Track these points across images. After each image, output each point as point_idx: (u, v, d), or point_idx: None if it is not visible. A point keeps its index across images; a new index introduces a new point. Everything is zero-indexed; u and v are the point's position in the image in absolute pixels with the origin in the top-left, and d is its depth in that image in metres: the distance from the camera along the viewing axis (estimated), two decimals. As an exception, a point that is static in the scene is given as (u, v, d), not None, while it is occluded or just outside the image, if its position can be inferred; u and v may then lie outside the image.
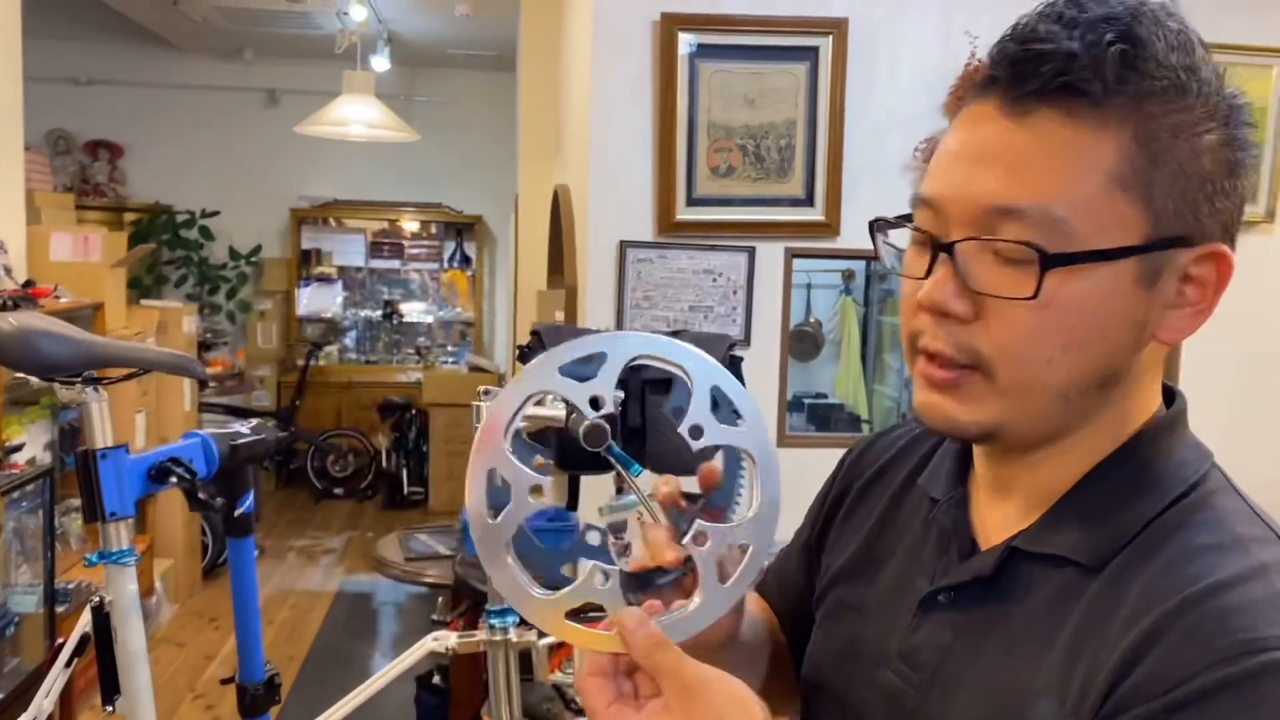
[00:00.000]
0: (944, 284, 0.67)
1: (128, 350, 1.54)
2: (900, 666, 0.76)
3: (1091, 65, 0.63)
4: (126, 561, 1.50)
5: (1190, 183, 0.66)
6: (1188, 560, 0.64)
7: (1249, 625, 0.59)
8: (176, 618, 4.62)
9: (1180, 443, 0.73)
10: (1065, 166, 0.64)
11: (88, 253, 4.10)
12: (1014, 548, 0.72)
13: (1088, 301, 0.65)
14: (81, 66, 7.16)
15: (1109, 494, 0.70)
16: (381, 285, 7.93)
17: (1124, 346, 0.68)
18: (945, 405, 0.70)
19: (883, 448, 0.93)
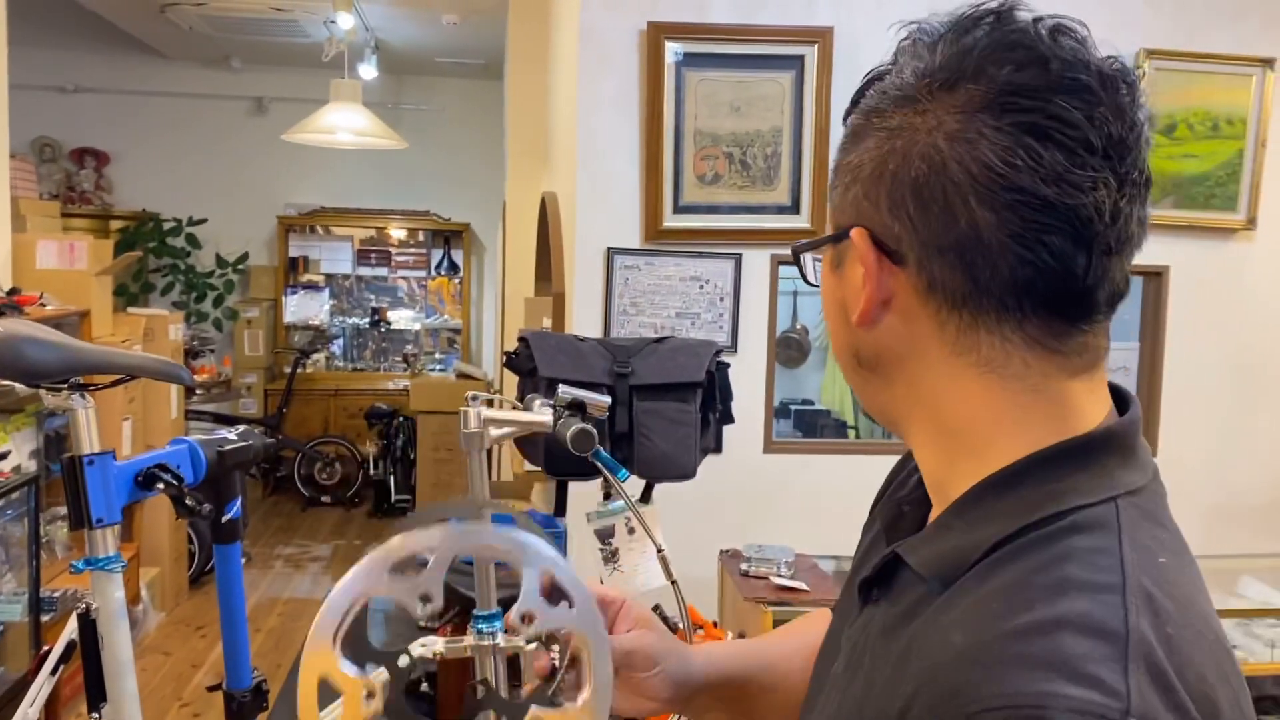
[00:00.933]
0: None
1: (114, 356, 1.54)
2: (845, 657, 0.74)
3: (856, 101, 0.74)
4: (113, 568, 1.50)
5: (855, 169, 0.70)
6: (973, 612, 0.59)
7: (975, 686, 0.54)
8: (163, 626, 4.60)
9: (1091, 466, 0.64)
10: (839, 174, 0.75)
11: (74, 260, 4.09)
12: (895, 552, 0.69)
13: (824, 287, 0.74)
14: (68, 74, 7.14)
15: (973, 509, 0.65)
16: (369, 292, 7.93)
17: (847, 326, 0.71)
18: None
19: (900, 463, 0.90)
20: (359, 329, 7.84)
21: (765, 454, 3.03)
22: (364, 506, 6.80)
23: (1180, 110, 3.01)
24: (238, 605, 1.71)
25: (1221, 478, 3.16)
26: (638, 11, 2.86)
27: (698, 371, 2.15)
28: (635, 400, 2.14)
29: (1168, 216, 3.03)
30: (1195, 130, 3.02)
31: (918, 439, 0.71)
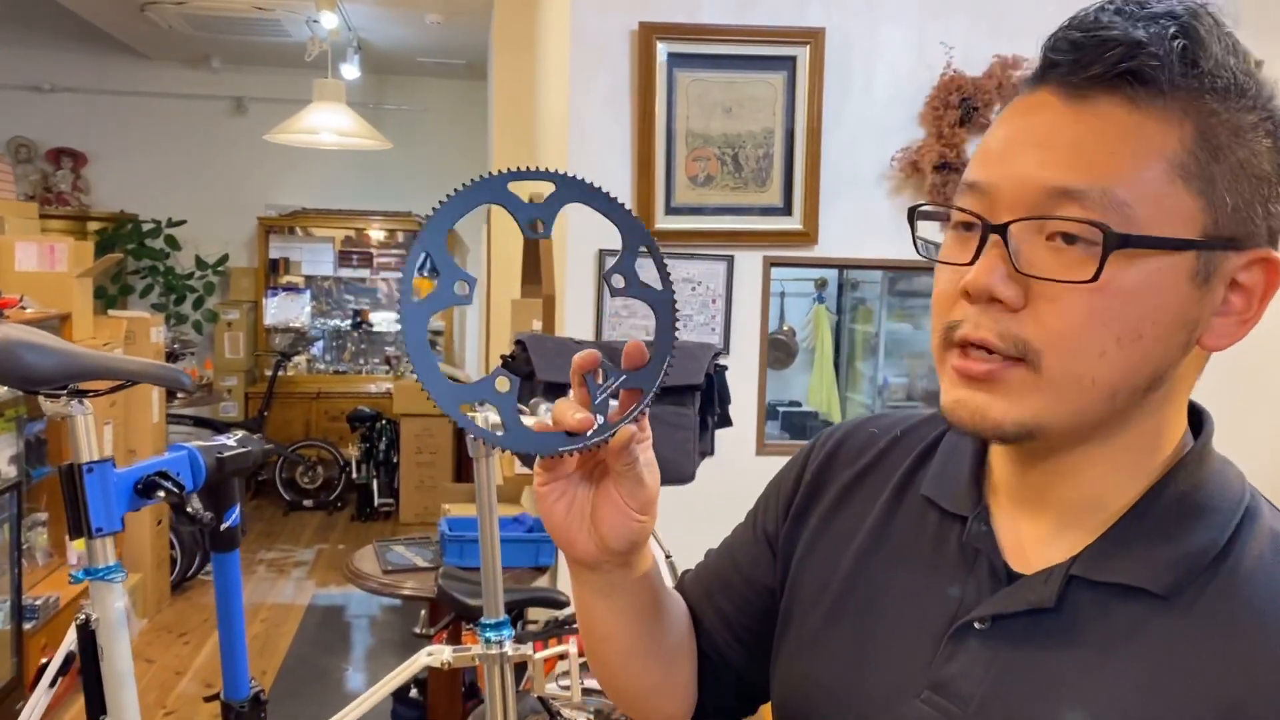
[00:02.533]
0: (993, 267, 0.64)
1: (114, 362, 1.52)
2: (932, 697, 0.71)
3: (1157, 53, 0.63)
4: (114, 578, 1.48)
5: (1248, 184, 0.64)
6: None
7: None
8: (145, 633, 4.55)
9: (1222, 462, 0.71)
10: (1129, 152, 0.63)
11: (54, 263, 4.04)
12: (1074, 576, 0.68)
13: (1145, 292, 0.63)
14: (44, 73, 7.06)
15: (1168, 517, 0.68)
16: (350, 294, 7.87)
17: (1174, 348, 0.66)
18: (982, 401, 0.66)
19: (859, 446, 0.87)
20: (340, 331, 7.79)
21: (758, 456, 3.03)
22: (347, 510, 6.75)
23: (1169, 112, 3.02)
24: (236, 614, 1.69)
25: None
26: (629, 12, 2.85)
27: (697, 374, 2.14)
28: (633, 403, 2.13)
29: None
30: (1184, 132, 3.04)
31: (1103, 454, 0.69)
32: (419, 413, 6.35)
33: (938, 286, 0.69)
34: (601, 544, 0.76)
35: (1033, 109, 0.66)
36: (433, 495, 6.02)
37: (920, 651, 0.73)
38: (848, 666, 0.77)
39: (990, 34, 2.94)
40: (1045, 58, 0.67)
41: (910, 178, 2.96)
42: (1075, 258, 0.63)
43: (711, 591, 0.92)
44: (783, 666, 0.84)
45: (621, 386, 0.72)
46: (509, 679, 1.57)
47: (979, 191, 0.67)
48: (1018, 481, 0.73)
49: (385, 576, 3.01)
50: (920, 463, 0.82)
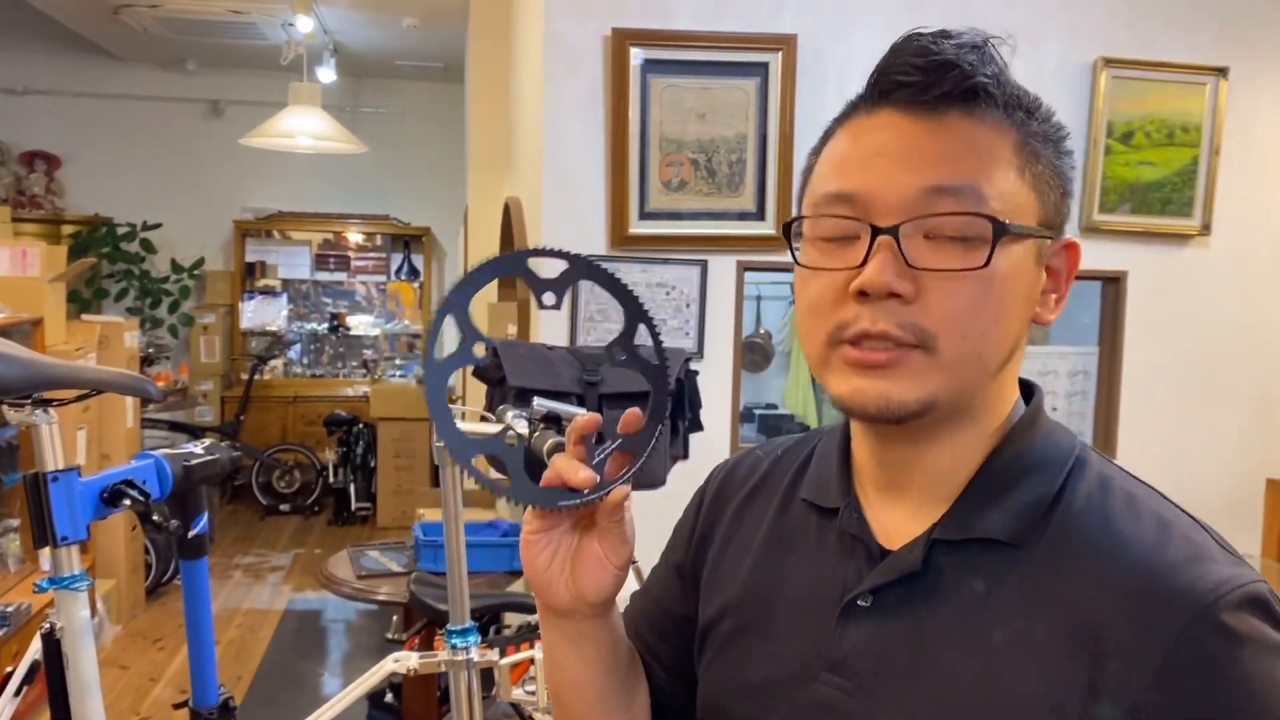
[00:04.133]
0: (886, 266, 0.70)
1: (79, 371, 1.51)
2: (830, 678, 0.77)
3: (987, 75, 0.72)
4: (78, 586, 1.47)
5: (1055, 184, 0.75)
6: (1122, 545, 0.70)
7: (1206, 578, 0.67)
8: (120, 639, 4.52)
9: (1054, 424, 0.79)
10: (981, 156, 0.71)
11: (26, 267, 4.01)
12: (935, 539, 0.75)
13: (1013, 275, 0.72)
14: (17, 76, 7.01)
15: (1007, 476, 0.75)
16: (327, 297, 7.84)
17: (1024, 324, 0.75)
18: (884, 386, 0.71)
19: (746, 470, 0.94)
20: (317, 334, 7.76)
21: (732, 460, 3.04)
22: (324, 515, 6.73)
23: (1137, 118, 3.06)
24: (204, 622, 1.69)
25: (1179, 480, 3.20)
26: (602, 18, 2.86)
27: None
28: (605, 409, 2.14)
29: (1125, 222, 3.08)
30: (1151, 137, 3.07)
31: (953, 429, 0.76)
32: (396, 416, 6.34)
33: (812, 294, 0.75)
34: (578, 595, 0.81)
35: (880, 127, 0.73)
36: (410, 499, 6.01)
37: (817, 637, 0.79)
38: (753, 664, 0.83)
39: (961, 40, 2.96)
40: (888, 82, 0.73)
41: (882, 183, 2.98)
42: (955, 250, 0.70)
43: (640, 631, 0.97)
44: (703, 680, 0.90)
45: (617, 449, 0.78)
46: (475, 685, 1.58)
47: (851, 202, 0.73)
48: (881, 471, 0.80)
49: (359, 582, 3.00)
50: (800, 473, 0.89)
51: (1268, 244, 3.22)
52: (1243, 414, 3.25)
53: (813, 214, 0.75)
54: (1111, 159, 3.05)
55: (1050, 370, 3.19)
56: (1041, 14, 3.02)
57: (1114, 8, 3.05)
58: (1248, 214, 3.18)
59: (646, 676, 0.95)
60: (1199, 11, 3.08)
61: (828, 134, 0.79)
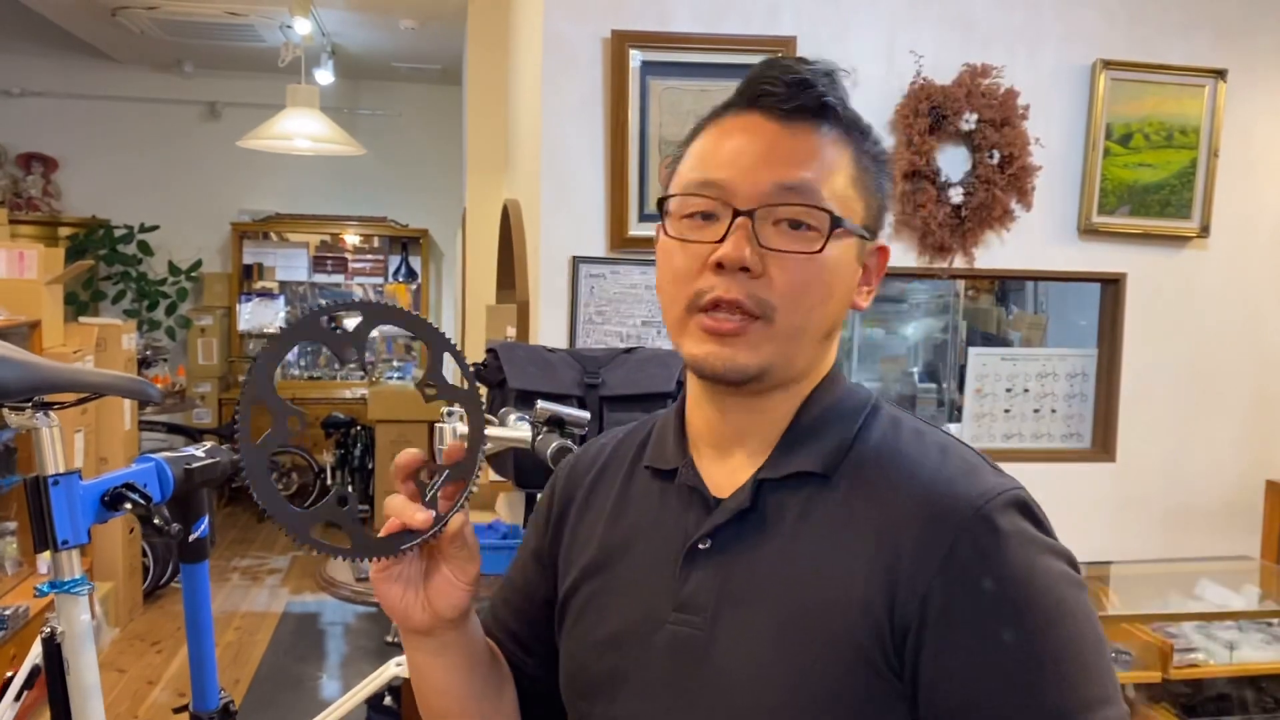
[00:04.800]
0: (742, 243, 0.83)
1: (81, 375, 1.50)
2: (680, 617, 0.88)
3: (836, 96, 0.87)
4: (79, 591, 1.47)
5: (877, 196, 0.90)
6: (910, 467, 0.85)
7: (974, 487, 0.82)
8: (117, 642, 4.52)
9: (854, 384, 0.95)
10: (825, 162, 0.86)
11: (23, 269, 4.00)
12: (761, 479, 0.88)
13: (840, 264, 0.86)
14: (14, 78, 6.99)
15: (816, 423, 0.89)
16: (324, 299, 7.84)
17: (845, 307, 0.90)
18: (730, 351, 0.85)
19: (592, 458, 1.04)
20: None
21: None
22: (322, 516, 6.71)
23: (1135, 120, 3.06)
24: (205, 625, 1.68)
25: (1178, 481, 3.22)
26: (601, 20, 2.86)
27: (668, 382, 2.15)
28: (605, 411, 2.14)
29: (1123, 224, 3.09)
30: (1150, 140, 3.07)
31: (780, 392, 0.90)
32: (394, 419, 6.33)
33: (677, 264, 0.87)
34: (435, 615, 0.90)
35: (748, 128, 0.87)
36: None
37: (665, 584, 0.89)
38: (610, 617, 0.93)
39: (960, 43, 2.96)
40: (758, 89, 0.86)
41: (881, 185, 2.98)
42: (797, 236, 0.84)
43: (505, 623, 1.06)
44: (564, 647, 0.98)
45: (447, 481, 0.85)
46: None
47: (717, 187, 0.85)
48: (716, 430, 0.92)
49: (358, 584, 3.00)
50: (640, 449, 1.00)
51: (1266, 246, 3.23)
52: (1242, 416, 3.26)
53: (683, 193, 0.87)
54: (1110, 161, 3.05)
55: (1049, 372, 3.19)
56: (1040, 16, 3.02)
57: (1112, 10, 3.05)
58: (1246, 216, 3.18)
59: (517, 668, 1.04)
60: (1197, 14, 3.08)
61: (697, 130, 0.91)
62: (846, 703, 0.80)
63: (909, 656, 0.79)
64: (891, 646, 0.79)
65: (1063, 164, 3.05)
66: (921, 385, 5.03)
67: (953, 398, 4.85)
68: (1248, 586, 3.00)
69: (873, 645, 0.79)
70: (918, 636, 0.78)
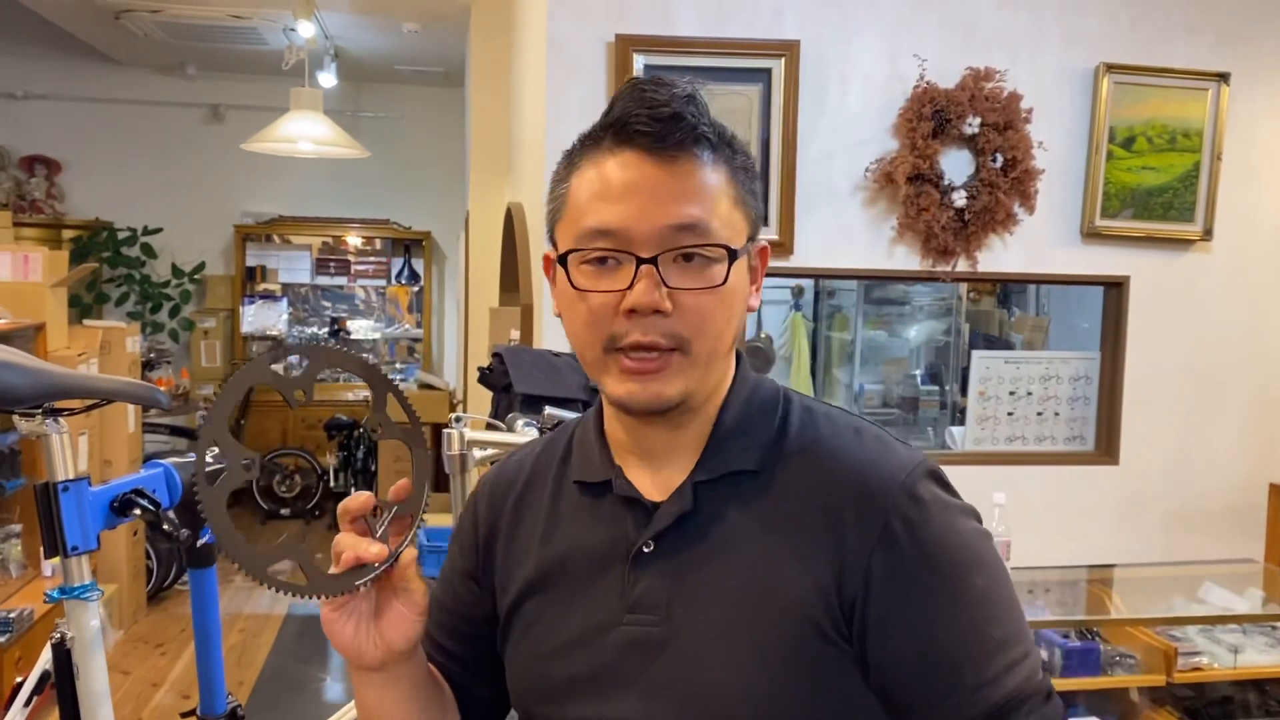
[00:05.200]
0: (652, 289, 0.87)
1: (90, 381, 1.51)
2: (632, 617, 0.92)
3: (705, 123, 0.89)
4: (89, 596, 1.47)
5: (753, 201, 0.94)
6: (834, 453, 0.92)
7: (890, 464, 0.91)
8: (121, 644, 4.52)
9: (756, 379, 0.99)
10: (708, 192, 0.89)
11: (28, 272, 4.01)
12: (697, 482, 0.93)
13: (737, 284, 0.91)
14: (18, 80, 7.01)
15: (739, 423, 0.95)
16: (327, 301, 7.85)
17: (742, 317, 0.94)
18: (654, 388, 0.89)
19: (512, 473, 1.07)
20: (317, 339, 7.76)
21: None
22: (325, 519, 6.72)
23: (1138, 123, 3.06)
24: (213, 630, 1.69)
25: (1181, 485, 3.22)
26: (605, 24, 2.86)
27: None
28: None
29: (1127, 227, 3.09)
30: (1153, 143, 3.08)
31: (699, 407, 0.94)
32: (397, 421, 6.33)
33: (585, 312, 0.90)
34: (388, 649, 0.93)
35: (629, 165, 0.89)
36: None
37: (613, 589, 0.93)
38: (561, 628, 0.95)
39: (963, 47, 2.97)
40: (629, 131, 0.88)
41: (885, 189, 2.99)
42: (696, 269, 0.88)
43: (442, 644, 1.07)
44: (512, 660, 1.01)
45: (395, 517, 0.88)
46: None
47: (613, 235, 0.88)
48: (642, 444, 0.96)
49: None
50: (563, 464, 1.03)
51: (1269, 249, 3.23)
52: (1245, 419, 3.26)
53: (581, 246, 0.89)
54: (1113, 164, 3.06)
55: (1052, 375, 3.19)
56: (1042, 20, 3.02)
57: (1115, 13, 3.06)
58: (1249, 219, 3.19)
59: (457, 685, 1.06)
60: (1200, 17, 3.09)
61: (570, 167, 0.94)
62: (805, 672, 0.87)
63: (857, 623, 0.87)
64: (841, 615, 0.88)
65: (1065, 167, 3.05)
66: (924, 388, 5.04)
67: (955, 400, 4.86)
68: (1251, 589, 3.01)
69: (824, 617, 0.87)
70: (865, 605, 0.87)
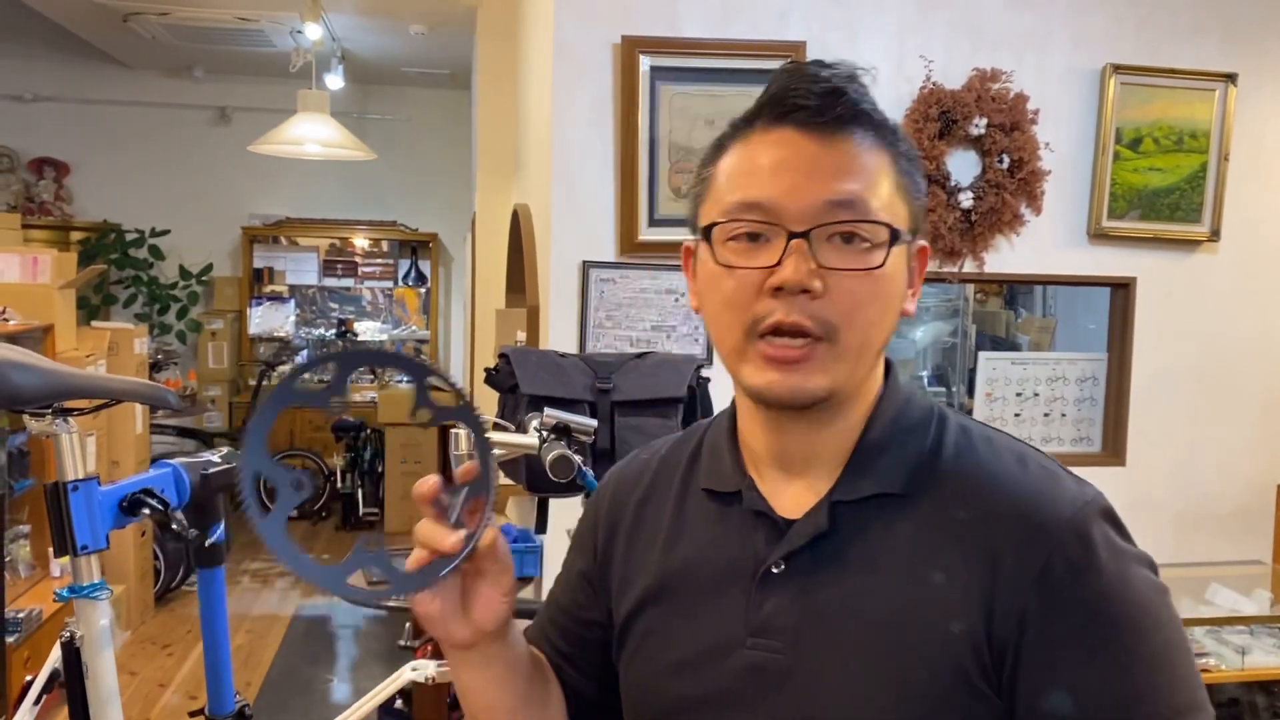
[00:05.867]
0: (802, 265, 0.80)
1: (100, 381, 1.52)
2: (756, 641, 0.85)
3: (868, 101, 0.84)
4: (99, 595, 1.48)
5: (918, 194, 0.87)
6: (994, 480, 0.83)
7: (1059, 497, 0.82)
8: (128, 645, 4.54)
9: (909, 391, 0.92)
10: (870, 172, 0.83)
11: (36, 274, 4.03)
12: (835, 501, 0.85)
13: (895, 273, 0.84)
14: (26, 83, 7.04)
15: (886, 439, 0.87)
16: (334, 303, 7.86)
17: (898, 314, 0.87)
18: (795, 379, 0.82)
19: (634, 476, 1.01)
20: (325, 340, 7.78)
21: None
22: (332, 520, 6.74)
23: (1145, 124, 3.06)
24: (221, 629, 1.70)
25: (1189, 486, 3.22)
26: (611, 25, 2.87)
27: (679, 387, 2.15)
28: (617, 416, 2.14)
29: (1134, 228, 3.09)
30: (1160, 144, 3.07)
31: (844, 410, 0.87)
32: (404, 422, 6.35)
33: (728, 290, 0.84)
34: (478, 628, 0.87)
35: (783, 143, 0.83)
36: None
37: (736, 608, 0.87)
38: (678, 642, 0.90)
39: (969, 48, 2.97)
40: (788, 104, 0.83)
41: (891, 190, 2.99)
42: (853, 252, 0.81)
43: (553, 641, 1.04)
44: (627, 671, 0.96)
45: (468, 498, 0.83)
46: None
47: (763, 209, 0.82)
48: (778, 451, 0.89)
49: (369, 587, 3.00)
50: (690, 467, 0.97)
51: (1277, 249, 3.22)
52: (1252, 420, 3.25)
53: (727, 219, 0.83)
54: (1120, 165, 3.05)
55: (1059, 376, 3.19)
56: (1049, 21, 3.02)
57: (1121, 14, 3.05)
58: (1257, 220, 3.18)
59: (566, 683, 1.02)
60: (1207, 18, 3.08)
61: (722, 147, 0.88)
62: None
63: (1008, 673, 0.79)
64: (990, 664, 0.79)
65: (1072, 168, 3.05)
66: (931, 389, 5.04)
67: (962, 402, 4.85)
68: (1259, 591, 3.00)
69: (971, 664, 0.79)
70: (1016, 653, 0.78)
